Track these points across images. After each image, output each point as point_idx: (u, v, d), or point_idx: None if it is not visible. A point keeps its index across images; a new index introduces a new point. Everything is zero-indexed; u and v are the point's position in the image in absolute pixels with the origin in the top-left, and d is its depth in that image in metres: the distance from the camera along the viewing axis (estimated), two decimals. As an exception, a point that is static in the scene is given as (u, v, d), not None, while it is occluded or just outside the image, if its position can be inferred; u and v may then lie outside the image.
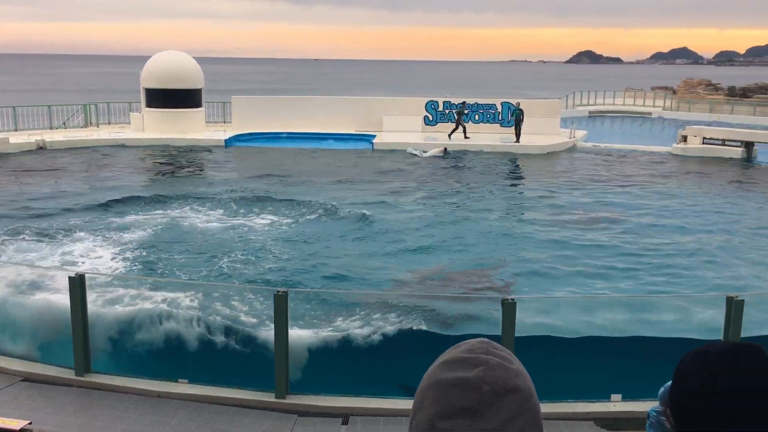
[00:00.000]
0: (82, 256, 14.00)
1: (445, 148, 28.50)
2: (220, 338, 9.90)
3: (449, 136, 31.11)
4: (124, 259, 13.86)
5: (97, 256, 14.04)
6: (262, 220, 17.26)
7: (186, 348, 9.78)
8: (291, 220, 17.30)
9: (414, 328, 10.25)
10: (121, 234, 15.62)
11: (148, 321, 10.10)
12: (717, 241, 15.79)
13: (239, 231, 16.24)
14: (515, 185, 23.90)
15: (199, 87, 32.46)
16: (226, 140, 30.26)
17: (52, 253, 14.15)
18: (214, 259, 13.85)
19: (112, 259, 13.89)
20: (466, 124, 31.30)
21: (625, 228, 16.93)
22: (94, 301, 9.82)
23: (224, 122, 34.63)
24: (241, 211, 18.16)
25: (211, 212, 18.01)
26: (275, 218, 17.48)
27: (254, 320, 10.23)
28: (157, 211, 17.97)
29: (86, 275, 8.46)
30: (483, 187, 22.15)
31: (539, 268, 13.75)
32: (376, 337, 9.90)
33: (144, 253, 14.22)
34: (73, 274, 8.26)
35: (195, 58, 33.41)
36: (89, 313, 8.44)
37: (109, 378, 8.30)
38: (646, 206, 19.63)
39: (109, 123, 34.01)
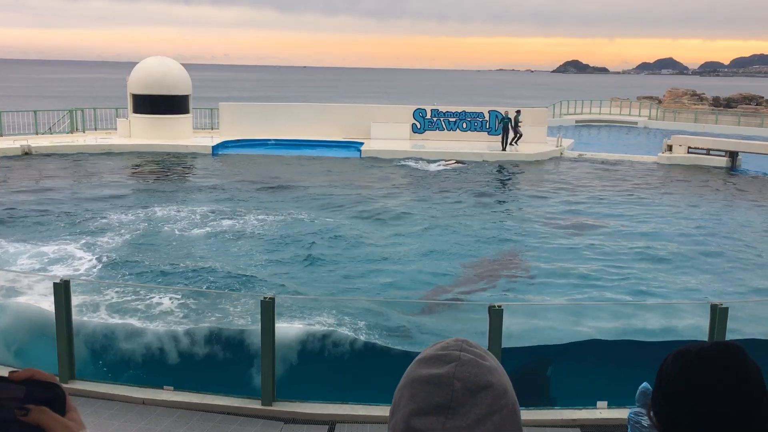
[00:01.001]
0: (63, 261, 13.90)
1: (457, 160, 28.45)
2: (205, 344, 9.85)
3: (515, 143, 31.18)
4: (108, 265, 13.76)
5: (79, 261, 13.95)
6: (248, 227, 17.20)
7: (171, 354, 9.72)
8: (278, 227, 17.26)
9: (402, 333, 10.25)
10: (105, 240, 15.52)
11: (132, 327, 10.03)
12: (702, 248, 15.91)
13: (225, 237, 16.19)
14: (502, 193, 23.99)
15: (186, 93, 32.35)
16: (213, 147, 30.16)
17: (33, 257, 14.03)
18: (200, 266, 13.78)
19: (95, 264, 13.80)
20: (522, 132, 31.19)
21: (610, 236, 17.02)
22: (78, 307, 9.74)
23: (212, 129, 34.53)
24: (228, 217, 18.10)
25: (197, 218, 17.93)
26: (262, 225, 17.43)
27: (240, 327, 10.18)
28: (142, 217, 17.88)
29: (71, 281, 8.40)
30: (470, 195, 22.20)
31: (525, 274, 13.80)
32: (364, 343, 9.88)
33: (128, 259, 14.13)
34: (57, 280, 8.19)
35: (182, 65, 33.33)
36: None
37: (94, 385, 8.22)
38: (631, 214, 19.75)
39: (96, 129, 33.79)
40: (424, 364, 1.18)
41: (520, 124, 31.01)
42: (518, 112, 31.80)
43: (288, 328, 9.96)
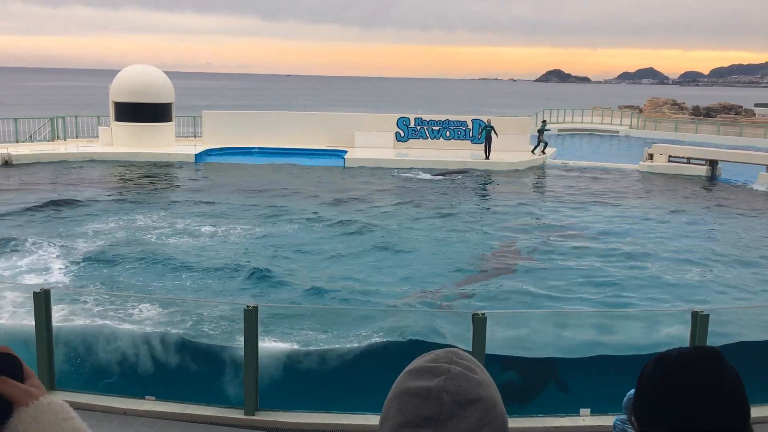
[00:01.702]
0: (42, 270, 13.74)
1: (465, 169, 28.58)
2: (187, 354, 9.78)
3: (538, 152, 31.54)
4: (87, 274, 13.64)
5: (59, 270, 13.80)
6: (232, 235, 17.12)
7: (153, 364, 9.63)
8: (261, 236, 17.20)
9: (385, 342, 10.23)
10: (85, 249, 15.36)
11: (113, 336, 9.93)
12: (682, 256, 16.06)
13: (208, 245, 16.09)
14: (485, 201, 24.07)
15: (169, 101, 32.21)
16: (196, 155, 30.03)
17: (9, 267, 13.86)
18: (183, 274, 13.70)
19: (74, 274, 13.66)
20: (547, 141, 31.79)
21: (592, 244, 17.13)
22: (58, 316, 9.64)
23: (195, 137, 34.40)
24: (211, 226, 18.01)
25: (180, 227, 17.82)
26: (245, 233, 17.36)
27: (223, 336, 10.12)
28: (124, 226, 17.74)
29: (51, 290, 8.31)
30: (454, 204, 22.27)
31: (508, 283, 13.84)
32: (347, 352, 9.86)
33: (108, 268, 14.01)
34: (38, 290, 8.11)
35: (165, 73, 33.19)
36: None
37: (74, 395, 8.13)
38: (613, 223, 19.90)
39: (77, 137, 33.55)
40: (414, 376, 1.19)
41: (547, 130, 31.78)
42: (544, 122, 33.01)
43: (271, 337, 9.91)
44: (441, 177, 27.30)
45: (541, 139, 31.62)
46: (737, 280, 14.49)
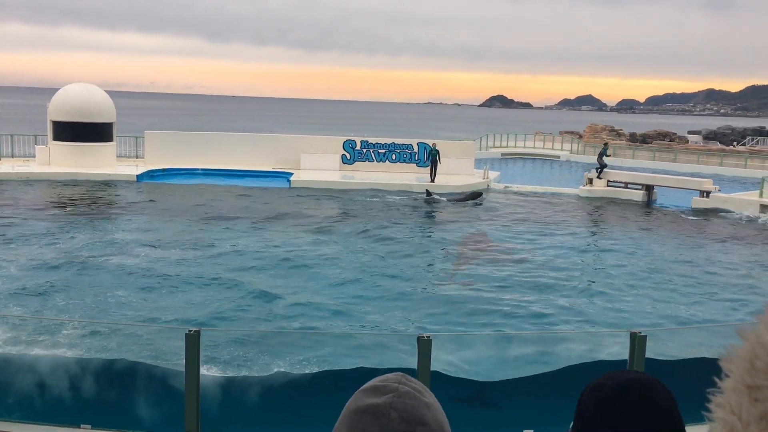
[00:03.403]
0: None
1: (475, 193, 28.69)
2: (126, 380, 9.49)
3: (598, 176, 31.42)
4: (21, 297, 13.15)
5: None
6: (173, 258, 16.78)
7: (89, 391, 9.31)
8: (204, 258, 16.91)
9: (331, 366, 10.16)
10: (18, 271, 14.83)
11: (47, 362, 9.58)
12: (620, 278, 16.48)
13: (148, 269, 15.73)
14: (429, 224, 24.27)
15: (110, 120, 31.56)
16: (138, 176, 29.46)
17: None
18: (122, 298, 13.34)
19: (6, 296, 13.15)
20: (606, 164, 31.81)
21: (534, 266, 17.43)
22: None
23: (137, 157, 33.74)
24: (152, 247, 17.62)
25: (119, 249, 17.38)
26: (187, 255, 17.05)
27: (163, 361, 9.87)
28: (60, 248, 17.20)
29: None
30: (398, 226, 22.37)
31: (453, 304, 13.94)
32: (292, 377, 9.73)
33: (43, 292, 13.53)
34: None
35: (107, 92, 32.56)
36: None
37: (4, 425, 7.78)
38: (554, 245, 20.31)
39: (13, 156, 32.53)
40: (363, 394, 1.20)
41: (608, 155, 32.29)
42: (606, 145, 33.71)
43: (213, 362, 9.72)
44: (456, 201, 27.48)
45: (601, 162, 31.68)
46: (673, 301, 14.93)
